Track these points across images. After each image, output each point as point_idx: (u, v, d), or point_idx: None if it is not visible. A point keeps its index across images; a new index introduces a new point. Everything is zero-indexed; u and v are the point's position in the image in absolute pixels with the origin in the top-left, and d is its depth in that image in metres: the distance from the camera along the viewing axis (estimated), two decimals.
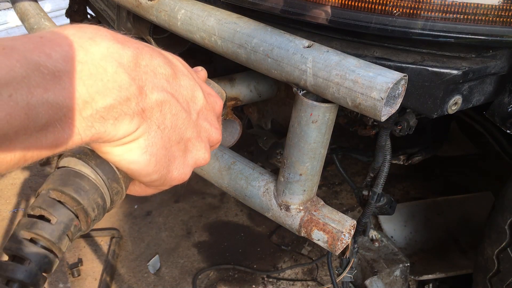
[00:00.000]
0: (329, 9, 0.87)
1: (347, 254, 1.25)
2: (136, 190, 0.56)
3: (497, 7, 0.81)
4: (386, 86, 0.69)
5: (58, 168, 0.48)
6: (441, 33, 0.82)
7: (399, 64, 0.85)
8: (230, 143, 1.21)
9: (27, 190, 2.47)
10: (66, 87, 0.39)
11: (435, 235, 2.09)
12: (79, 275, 2.01)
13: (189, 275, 2.03)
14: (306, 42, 0.80)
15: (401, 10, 0.81)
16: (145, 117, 0.45)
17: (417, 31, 0.82)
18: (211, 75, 1.32)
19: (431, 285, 1.87)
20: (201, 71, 0.66)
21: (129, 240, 2.20)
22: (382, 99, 0.69)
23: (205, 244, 2.18)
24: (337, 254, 0.93)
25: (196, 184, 2.53)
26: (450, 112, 0.88)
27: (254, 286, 1.99)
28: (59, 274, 2.02)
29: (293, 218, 0.93)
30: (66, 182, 0.46)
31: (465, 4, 0.80)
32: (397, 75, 0.71)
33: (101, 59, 0.42)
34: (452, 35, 0.82)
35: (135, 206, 2.39)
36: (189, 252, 2.14)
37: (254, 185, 0.97)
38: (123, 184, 0.51)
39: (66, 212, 0.45)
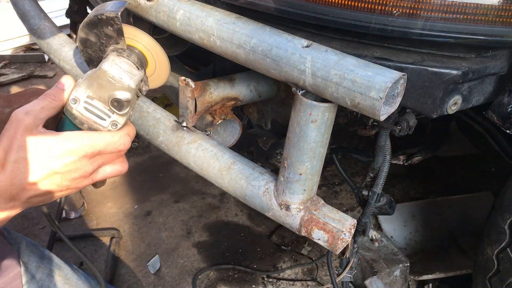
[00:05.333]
0: (329, 9, 0.87)
1: (347, 254, 1.25)
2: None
3: (497, 7, 0.81)
4: (385, 85, 0.69)
5: None
6: (441, 33, 0.82)
7: (399, 64, 0.85)
8: (230, 143, 1.21)
9: None
10: None
11: (435, 235, 2.09)
12: None
13: (189, 275, 2.03)
14: (305, 42, 0.81)
15: (401, 10, 0.82)
16: None
17: (417, 31, 0.82)
18: (211, 75, 1.32)
19: (430, 285, 1.87)
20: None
21: (129, 240, 2.20)
22: (381, 98, 0.69)
23: (205, 244, 2.18)
24: (337, 253, 0.93)
25: (196, 184, 2.53)
26: (450, 112, 0.88)
27: (254, 286, 1.99)
28: None
29: (293, 218, 0.93)
30: None
31: (465, 4, 0.80)
32: (396, 74, 0.71)
33: None
34: (451, 35, 0.82)
35: (135, 206, 2.40)
36: (189, 252, 2.14)
37: (254, 185, 0.97)
38: None
39: None
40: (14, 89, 3.48)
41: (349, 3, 0.85)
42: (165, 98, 2.71)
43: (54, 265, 1.11)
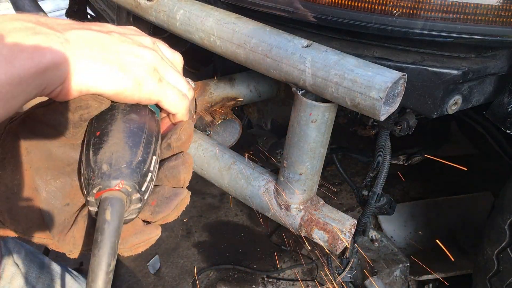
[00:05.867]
0: (329, 9, 0.87)
1: (347, 254, 1.25)
2: None
3: (497, 7, 0.81)
4: (385, 85, 0.69)
5: None
6: (441, 33, 0.82)
7: (399, 64, 0.85)
8: (230, 143, 1.21)
9: None
10: None
11: (435, 235, 2.09)
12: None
13: (189, 275, 2.03)
14: (305, 42, 0.80)
15: (401, 10, 0.81)
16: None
17: (417, 31, 0.82)
18: (211, 75, 1.32)
19: (431, 285, 1.87)
20: None
21: None
22: (381, 98, 0.69)
23: (205, 244, 2.18)
24: (337, 253, 0.93)
25: (196, 184, 2.53)
26: (450, 112, 0.88)
27: (254, 286, 1.99)
28: None
29: (293, 218, 0.93)
30: None
31: (465, 4, 0.80)
32: (396, 74, 0.71)
33: None
34: (452, 35, 0.82)
35: None
36: (189, 252, 2.14)
37: (254, 185, 0.97)
38: None
39: None
40: None
41: (349, 3, 0.84)
42: None
43: (54, 274, 1.09)
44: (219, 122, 1.13)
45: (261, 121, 1.45)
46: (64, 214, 0.54)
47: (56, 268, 1.12)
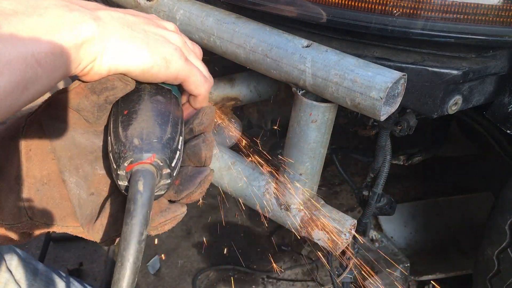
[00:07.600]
0: (329, 9, 0.87)
1: (347, 254, 1.25)
2: None
3: (497, 7, 0.81)
4: (385, 85, 0.69)
5: None
6: (441, 33, 0.82)
7: (399, 64, 0.85)
8: (230, 143, 1.21)
9: None
10: None
11: (435, 235, 2.09)
12: (79, 275, 2.01)
13: (189, 276, 2.03)
14: (305, 42, 0.80)
15: (401, 10, 0.81)
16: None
17: (417, 31, 0.82)
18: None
19: (431, 285, 1.87)
20: None
21: None
22: (381, 98, 0.69)
23: (205, 244, 2.18)
24: (337, 253, 0.93)
25: None
26: (450, 112, 0.88)
27: (254, 286, 1.99)
28: None
29: (293, 218, 0.93)
30: None
31: (465, 4, 0.80)
32: (396, 74, 0.71)
33: None
34: (452, 35, 0.82)
35: None
36: (189, 253, 2.14)
37: (254, 185, 0.97)
38: None
39: None
40: None
41: (349, 3, 0.84)
42: None
43: (48, 282, 1.08)
44: (219, 122, 1.13)
45: (261, 121, 1.45)
46: (90, 204, 0.54)
47: (49, 275, 1.10)
